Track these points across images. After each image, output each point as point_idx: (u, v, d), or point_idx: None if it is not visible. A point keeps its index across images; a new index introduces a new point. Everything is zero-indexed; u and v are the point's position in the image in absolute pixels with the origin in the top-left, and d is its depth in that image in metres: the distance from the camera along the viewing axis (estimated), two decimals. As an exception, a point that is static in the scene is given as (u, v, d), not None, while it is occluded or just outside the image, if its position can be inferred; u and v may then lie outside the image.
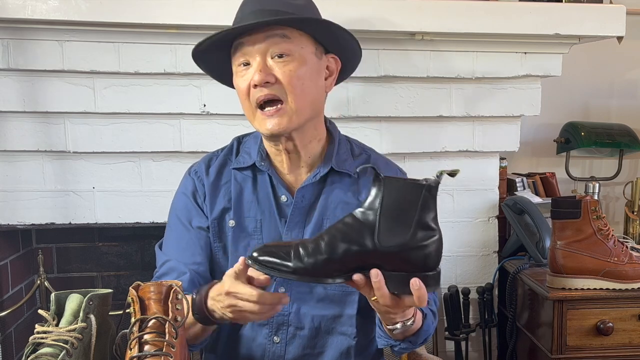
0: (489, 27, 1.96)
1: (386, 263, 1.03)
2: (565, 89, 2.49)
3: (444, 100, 2.08)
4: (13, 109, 1.89)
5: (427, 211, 1.03)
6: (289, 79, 1.26)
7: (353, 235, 1.03)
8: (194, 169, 1.45)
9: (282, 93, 1.27)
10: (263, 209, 1.38)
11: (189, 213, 1.41)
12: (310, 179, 1.37)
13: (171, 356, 1.03)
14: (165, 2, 1.79)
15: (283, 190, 1.38)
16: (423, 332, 1.25)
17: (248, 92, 1.29)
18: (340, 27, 1.31)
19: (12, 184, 1.96)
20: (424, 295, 1.03)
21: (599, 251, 1.76)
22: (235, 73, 1.33)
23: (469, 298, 2.20)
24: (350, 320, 1.39)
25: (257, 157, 1.39)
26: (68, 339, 1.12)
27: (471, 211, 2.20)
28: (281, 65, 1.26)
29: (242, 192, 1.39)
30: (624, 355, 1.83)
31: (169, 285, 1.11)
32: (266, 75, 1.25)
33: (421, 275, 1.03)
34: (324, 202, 1.37)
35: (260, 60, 1.26)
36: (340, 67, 1.39)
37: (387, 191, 1.03)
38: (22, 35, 1.83)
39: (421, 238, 1.03)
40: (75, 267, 2.32)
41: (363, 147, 1.49)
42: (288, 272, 1.03)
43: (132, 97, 1.93)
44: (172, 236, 1.42)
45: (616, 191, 2.59)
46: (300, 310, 1.38)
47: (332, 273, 1.04)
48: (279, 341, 1.38)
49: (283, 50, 1.26)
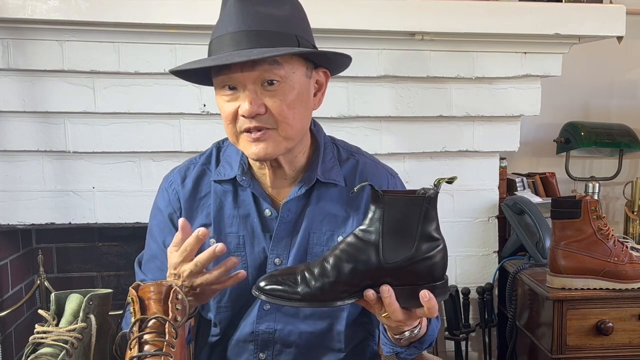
0: (489, 27, 1.96)
1: (393, 279, 1.03)
2: (565, 89, 2.49)
3: (444, 100, 2.08)
4: (13, 109, 1.89)
5: (429, 222, 1.03)
6: (280, 110, 1.18)
7: (358, 255, 1.02)
8: (170, 179, 1.36)
9: (272, 123, 1.19)
10: (246, 225, 1.31)
11: (163, 233, 1.34)
12: (295, 192, 1.30)
13: (171, 356, 1.03)
14: (165, 2, 1.79)
15: (266, 205, 1.30)
16: (428, 337, 1.23)
17: (234, 118, 1.21)
18: (335, 52, 1.25)
19: (12, 184, 1.96)
20: (434, 306, 1.03)
21: (599, 251, 1.76)
22: (218, 93, 1.23)
23: (469, 298, 2.20)
24: (339, 336, 1.34)
25: (238, 170, 1.30)
26: (68, 339, 1.12)
27: (471, 211, 2.20)
28: (271, 94, 1.18)
29: (223, 206, 1.32)
30: (624, 355, 1.82)
31: (169, 285, 1.10)
32: (257, 107, 1.17)
33: (429, 286, 1.03)
34: (310, 216, 1.31)
35: (250, 89, 1.17)
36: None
37: (388, 208, 1.02)
38: (22, 35, 1.83)
39: (426, 250, 1.02)
40: (75, 267, 2.32)
41: (350, 149, 1.40)
42: (297, 299, 1.02)
43: (132, 97, 1.94)
44: (148, 254, 1.37)
45: (616, 191, 2.59)
46: (286, 327, 1.31)
47: (341, 295, 1.04)
48: (264, 358, 1.33)
49: (274, 77, 1.17)
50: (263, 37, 1.16)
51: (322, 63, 1.28)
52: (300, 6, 1.25)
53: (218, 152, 1.38)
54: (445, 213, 2.16)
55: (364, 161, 1.38)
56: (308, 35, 1.23)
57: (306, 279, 1.03)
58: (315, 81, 1.27)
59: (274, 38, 1.16)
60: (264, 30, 1.16)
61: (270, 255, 1.30)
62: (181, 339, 1.08)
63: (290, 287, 1.03)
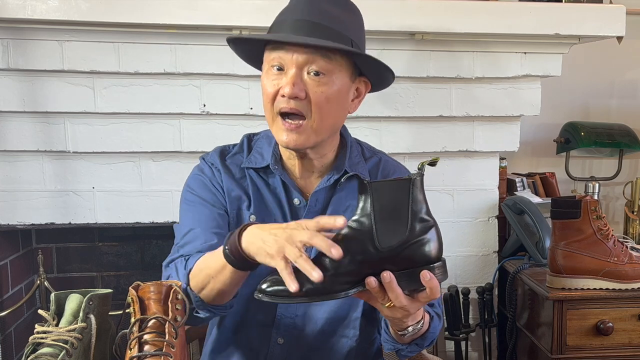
0: (489, 27, 1.96)
1: (392, 264, 1.04)
2: (565, 89, 2.49)
3: (444, 100, 2.08)
4: (13, 109, 1.89)
5: (419, 204, 1.04)
6: (319, 100, 1.24)
7: (354, 245, 1.03)
8: (209, 159, 1.41)
9: (307, 110, 1.24)
10: (278, 211, 1.37)
11: (207, 191, 1.37)
12: (324, 182, 1.36)
13: (171, 356, 1.03)
14: (165, 2, 1.79)
15: (296, 194, 1.37)
16: (430, 335, 1.25)
17: (274, 97, 1.25)
18: (387, 67, 1.30)
19: (12, 184, 1.96)
20: (436, 286, 1.04)
21: (599, 251, 1.76)
22: (265, 71, 1.28)
23: (468, 298, 2.20)
24: (354, 323, 1.39)
25: (270, 159, 1.37)
26: (68, 339, 1.12)
27: (471, 211, 2.20)
28: (315, 84, 1.23)
29: (259, 190, 1.37)
30: (624, 355, 1.83)
31: (168, 285, 1.11)
32: (298, 90, 1.22)
33: (428, 267, 1.04)
34: (335, 206, 1.37)
35: (296, 72, 1.22)
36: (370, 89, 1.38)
37: (376, 195, 1.03)
38: (22, 35, 1.83)
39: (420, 231, 1.04)
40: (75, 267, 2.32)
41: (373, 150, 1.49)
42: (300, 295, 1.03)
43: (132, 97, 1.94)
44: (190, 212, 1.37)
45: (616, 191, 2.59)
46: (307, 313, 1.37)
47: (343, 286, 1.05)
48: (283, 342, 1.37)
49: (321, 68, 1.23)
50: (322, 30, 1.22)
51: (367, 73, 1.33)
52: (362, 18, 1.32)
53: (249, 142, 1.43)
54: (445, 213, 2.16)
55: (385, 159, 1.47)
56: (362, 43, 1.30)
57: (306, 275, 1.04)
58: (356, 88, 1.33)
59: (332, 34, 1.23)
60: (325, 25, 1.23)
61: None
62: (181, 339, 1.08)
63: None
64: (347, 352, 1.40)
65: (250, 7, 1.81)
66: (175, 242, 1.37)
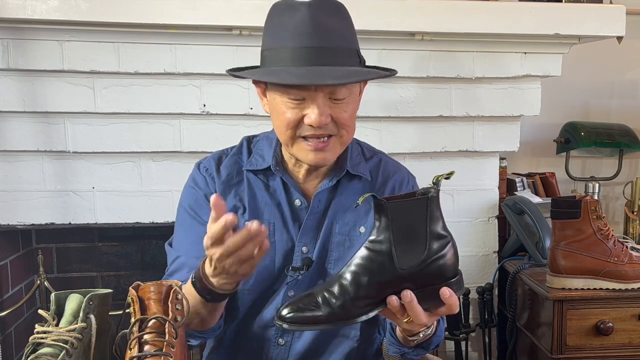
0: (489, 27, 1.96)
1: (412, 283, 1.04)
2: (565, 89, 2.49)
3: (444, 100, 2.08)
4: (13, 109, 1.89)
5: (436, 221, 1.05)
6: (344, 120, 1.27)
7: (373, 266, 1.03)
8: (204, 165, 1.42)
9: (333, 129, 1.27)
10: (276, 213, 1.37)
11: (199, 207, 1.38)
12: (326, 183, 1.37)
13: (171, 356, 1.03)
14: (165, 2, 1.79)
15: (297, 195, 1.37)
16: (436, 338, 1.26)
17: (296, 124, 1.26)
18: (392, 73, 1.34)
19: (12, 184, 1.96)
20: (455, 302, 1.05)
21: (599, 251, 1.76)
22: (279, 98, 1.27)
23: (468, 298, 2.20)
24: (356, 324, 1.37)
25: (272, 161, 1.37)
26: (68, 339, 1.12)
27: (471, 211, 2.20)
28: (339, 109, 1.26)
29: (256, 194, 1.38)
30: (624, 355, 1.83)
31: (168, 285, 1.11)
32: (325, 118, 1.24)
33: (447, 283, 1.04)
34: (335, 206, 1.38)
35: (319, 103, 1.23)
36: None
37: (393, 215, 1.03)
38: (22, 35, 1.83)
39: (437, 249, 1.04)
40: (75, 267, 2.32)
41: (373, 150, 1.50)
42: (321, 322, 1.03)
43: (132, 97, 1.94)
44: (182, 231, 1.40)
45: (616, 191, 2.59)
46: None
47: (364, 309, 1.05)
48: (283, 343, 1.37)
49: (343, 95, 1.26)
50: (331, 56, 1.22)
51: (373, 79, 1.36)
52: (350, 16, 1.32)
53: (249, 144, 1.45)
54: (445, 213, 2.11)
55: (385, 159, 1.48)
56: (358, 46, 1.31)
57: (327, 299, 1.04)
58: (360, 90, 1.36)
59: (342, 55, 1.24)
60: (332, 47, 1.23)
61: (298, 244, 1.36)
62: (181, 339, 1.08)
63: (312, 311, 1.04)
64: (348, 352, 1.39)
65: (250, 7, 1.81)
66: (167, 267, 1.39)
